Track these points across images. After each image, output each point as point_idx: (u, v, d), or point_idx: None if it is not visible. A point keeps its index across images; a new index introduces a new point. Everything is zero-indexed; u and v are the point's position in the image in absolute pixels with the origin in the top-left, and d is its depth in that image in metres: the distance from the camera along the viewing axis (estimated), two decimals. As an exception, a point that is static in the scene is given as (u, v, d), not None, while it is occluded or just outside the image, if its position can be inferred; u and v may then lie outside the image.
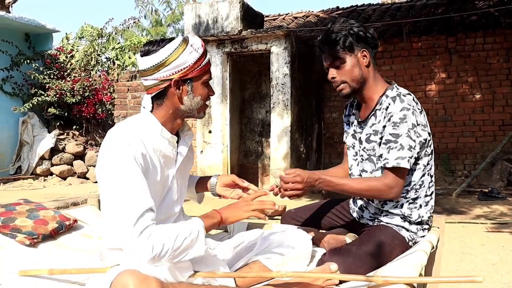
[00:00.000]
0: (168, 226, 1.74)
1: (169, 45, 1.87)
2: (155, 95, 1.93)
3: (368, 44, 2.30)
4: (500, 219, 5.73)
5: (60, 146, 10.94)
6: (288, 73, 8.00)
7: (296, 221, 2.67)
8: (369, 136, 2.33)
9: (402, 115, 2.15)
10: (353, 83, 2.31)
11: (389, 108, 2.21)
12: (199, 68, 1.91)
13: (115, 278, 1.52)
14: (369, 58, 2.30)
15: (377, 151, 2.27)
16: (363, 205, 2.46)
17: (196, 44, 1.91)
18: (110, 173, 1.74)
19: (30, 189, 9.52)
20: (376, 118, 2.30)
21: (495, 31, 8.40)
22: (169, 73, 1.87)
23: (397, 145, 2.14)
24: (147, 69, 1.89)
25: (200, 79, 1.94)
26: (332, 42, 2.25)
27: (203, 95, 1.96)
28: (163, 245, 1.64)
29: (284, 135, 8.05)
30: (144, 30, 20.34)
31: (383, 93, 2.31)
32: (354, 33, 2.25)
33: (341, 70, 2.30)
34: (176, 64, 1.86)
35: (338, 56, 2.27)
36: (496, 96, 8.44)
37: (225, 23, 8.22)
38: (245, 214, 1.90)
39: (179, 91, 1.90)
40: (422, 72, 8.80)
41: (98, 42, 12.06)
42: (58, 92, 10.91)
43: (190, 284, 1.64)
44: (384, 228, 2.29)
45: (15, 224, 2.60)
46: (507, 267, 3.94)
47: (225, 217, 1.89)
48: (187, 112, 1.97)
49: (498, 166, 7.95)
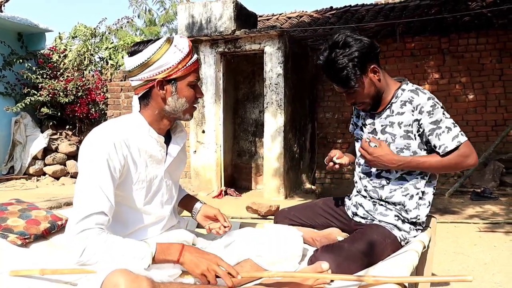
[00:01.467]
0: (114, 238, 1.71)
1: (153, 45, 1.88)
2: (141, 96, 1.95)
3: (373, 57, 2.31)
4: (493, 219, 5.76)
5: (53, 146, 10.91)
6: (282, 73, 8.01)
7: (289, 220, 2.68)
8: (384, 128, 2.38)
9: (431, 103, 2.24)
10: (372, 99, 2.37)
11: (414, 101, 2.28)
12: (184, 68, 1.91)
13: (106, 278, 1.52)
14: (379, 71, 2.32)
15: (395, 143, 2.33)
16: (358, 202, 2.48)
17: (180, 44, 1.91)
18: (80, 169, 1.78)
19: (23, 189, 9.48)
20: (392, 111, 2.36)
21: (488, 32, 8.43)
22: (153, 73, 1.88)
23: (443, 129, 2.22)
24: (132, 70, 1.91)
25: (185, 80, 1.93)
26: (344, 80, 2.26)
27: (188, 97, 1.96)
28: (94, 254, 1.65)
29: (277, 135, 8.06)
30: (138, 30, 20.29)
31: (397, 88, 2.37)
32: (359, 58, 2.23)
33: (357, 94, 2.33)
34: (160, 64, 1.87)
35: (353, 88, 2.29)
36: (489, 96, 8.47)
37: (218, 23, 8.22)
38: (200, 270, 1.72)
39: (163, 92, 1.91)
40: (415, 73, 8.83)
41: (92, 42, 12.03)
42: (51, 91, 10.86)
43: (181, 284, 1.64)
44: (377, 227, 2.31)
45: (6, 224, 2.59)
46: (498, 266, 3.96)
47: (182, 261, 1.74)
48: (172, 113, 1.96)
49: (490, 166, 7.99)
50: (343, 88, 2.31)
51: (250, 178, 9.70)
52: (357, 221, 2.47)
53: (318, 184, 9.35)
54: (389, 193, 2.36)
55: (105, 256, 1.65)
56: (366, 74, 2.29)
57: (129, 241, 1.73)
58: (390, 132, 2.35)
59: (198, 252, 1.78)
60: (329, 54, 2.27)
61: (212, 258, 1.75)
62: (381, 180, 2.38)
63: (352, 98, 2.36)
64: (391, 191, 2.35)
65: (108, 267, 1.58)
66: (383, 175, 2.38)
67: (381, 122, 2.40)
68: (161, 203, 2.03)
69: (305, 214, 2.71)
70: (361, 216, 2.45)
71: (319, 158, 9.59)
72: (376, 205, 2.40)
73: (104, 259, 1.65)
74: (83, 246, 1.64)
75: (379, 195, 2.39)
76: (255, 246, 2.07)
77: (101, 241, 1.66)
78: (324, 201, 2.77)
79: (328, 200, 2.75)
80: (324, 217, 2.67)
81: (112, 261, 1.65)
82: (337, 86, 2.34)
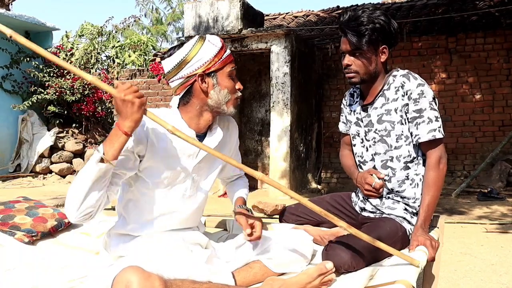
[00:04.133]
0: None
1: (187, 44, 1.96)
2: (183, 95, 2.00)
3: (390, 41, 2.34)
4: (500, 219, 5.74)
5: (60, 144, 10.93)
6: (288, 72, 8.00)
7: (296, 217, 2.67)
8: (380, 117, 2.37)
9: (419, 91, 2.24)
10: (365, 75, 2.35)
11: (405, 86, 2.28)
12: (220, 61, 1.97)
13: (117, 275, 1.52)
14: (387, 55, 2.35)
15: (395, 130, 2.33)
16: (365, 198, 2.47)
17: (213, 39, 1.98)
18: None
19: (29, 187, 9.52)
20: (386, 98, 2.35)
21: (495, 32, 8.39)
22: (192, 69, 1.94)
23: (424, 119, 2.23)
24: (171, 70, 1.97)
25: (223, 72, 1.99)
26: (360, 33, 2.27)
27: (229, 87, 2.00)
28: (68, 199, 1.76)
29: (284, 134, 8.05)
30: (145, 29, 20.38)
31: (388, 75, 2.38)
32: (381, 28, 2.27)
33: (358, 60, 2.33)
34: (197, 59, 1.93)
35: (361, 48, 2.29)
36: (496, 96, 8.44)
37: (225, 22, 8.22)
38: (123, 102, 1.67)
39: (205, 85, 1.95)
40: (422, 72, 8.79)
41: (98, 40, 12.05)
42: (57, 90, 10.89)
43: (193, 282, 1.63)
44: (388, 220, 2.31)
45: (14, 222, 2.60)
46: (506, 267, 3.94)
47: (120, 124, 1.70)
48: (216, 107, 2.00)
49: (497, 166, 7.95)
50: (354, 41, 2.28)
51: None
52: (366, 215, 2.46)
53: (324, 183, 9.34)
54: (399, 186, 2.35)
55: (72, 193, 1.74)
56: (377, 48, 2.31)
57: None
58: (388, 120, 2.34)
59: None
60: (359, 11, 2.32)
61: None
62: (388, 171, 2.38)
63: (350, 60, 2.34)
64: (400, 184, 2.35)
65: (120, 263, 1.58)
66: (388, 165, 2.38)
67: (376, 112, 2.39)
68: (182, 196, 2.03)
69: (312, 210, 2.70)
70: (369, 211, 2.44)
71: (325, 158, 9.58)
72: (383, 200, 2.39)
73: (74, 193, 1.73)
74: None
75: (388, 188, 2.38)
76: (265, 248, 2.07)
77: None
78: (331, 196, 2.76)
79: (335, 196, 2.74)
80: (331, 212, 2.66)
81: (78, 183, 1.72)
82: (347, 39, 2.32)
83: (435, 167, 2.23)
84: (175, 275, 1.64)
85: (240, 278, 1.95)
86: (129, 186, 1.96)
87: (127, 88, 1.68)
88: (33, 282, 2.08)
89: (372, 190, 2.40)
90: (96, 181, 1.69)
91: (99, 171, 1.68)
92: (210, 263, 1.86)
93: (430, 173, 2.24)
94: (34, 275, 2.16)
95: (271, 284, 1.86)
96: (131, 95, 1.66)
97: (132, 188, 1.97)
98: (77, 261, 2.36)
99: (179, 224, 2.07)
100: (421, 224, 2.18)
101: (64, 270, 2.24)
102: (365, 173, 2.45)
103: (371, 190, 2.40)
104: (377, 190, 2.38)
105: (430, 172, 2.24)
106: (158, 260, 1.74)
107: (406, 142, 2.33)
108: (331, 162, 9.51)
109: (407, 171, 2.35)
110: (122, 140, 1.69)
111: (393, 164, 2.37)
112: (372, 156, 2.45)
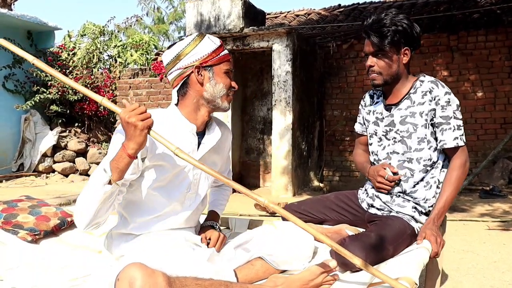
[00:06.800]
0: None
1: (187, 38, 2.04)
2: (180, 87, 2.04)
3: (412, 43, 2.39)
4: (502, 217, 5.73)
5: (62, 143, 10.95)
6: (290, 70, 8.00)
7: (299, 214, 2.68)
8: (404, 118, 2.42)
9: (447, 99, 2.31)
10: (388, 77, 2.41)
11: (433, 91, 2.34)
12: (218, 57, 2.03)
13: (121, 271, 1.53)
14: (409, 57, 2.40)
15: (417, 133, 2.38)
16: (375, 194, 2.48)
17: (212, 37, 2.05)
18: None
19: (32, 186, 9.53)
20: (412, 101, 2.40)
21: (497, 29, 8.38)
22: (189, 61, 2.00)
23: (451, 126, 2.30)
24: (170, 62, 2.03)
25: (220, 67, 2.04)
26: (382, 35, 2.32)
27: (225, 83, 2.05)
28: (77, 213, 1.81)
29: (285, 132, 8.06)
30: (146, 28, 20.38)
31: (415, 80, 2.44)
32: (403, 31, 2.33)
33: (381, 62, 2.38)
34: (195, 52, 1.99)
35: (384, 49, 2.34)
36: (498, 94, 8.42)
37: (227, 20, 8.22)
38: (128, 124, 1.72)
39: (201, 77, 2.00)
40: (423, 70, 8.77)
41: (100, 40, 12.06)
42: (60, 89, 10.91)
43: (196, 279, 1.64)
44: (396, 218, 2.33)
45: (17, 221, 2.61)
46: (508, 265, 3.94)
47: (126, 145, 1.73)
48: (211, 100, 2.04)
49: (499, 164, 7.95)
50: (376, 42, 2.33)
51: (258, 175, 9.70)
52: (373, 212, 2.47)
53: (326, 181, 9.34)
54: (413, 187, 2.38)
55: (80, 206, 1.79)
56: (399, 49, 2.37)
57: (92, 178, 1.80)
58: (411, 122, 2.39)
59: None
60: (383, 13, 2.38)
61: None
62: (405, 171, 2.40)
63: (373, 61, 2.39)
64: (415, 185, 2.39)
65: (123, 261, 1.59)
66: (405, 166, 2.40)
67: (400, 113, 2.43)
68: (183, 195, 2.04)
69: (316, 208, 2.71)
70: (377, 208, 2.46)
71: (327, 156, 9.58)
72: (393, 197, 2.41)
73: (82, 205, 1.79)
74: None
75: (402, 188, 2.40)
76: (266, 245, 2.07)
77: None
78: (336, 195, 2.77)
79: (340, 194, 2.75)
80: (336, 211, 2.67)
81: (86, 194, 1.77)
82: (370, 41, 2.37)
83: (460, 168, 2.30)
84: (177, 272, 1.65)
85: (242, 276, 1.96)
86: (129, 186, 1.96)
87: (131, 110, 1.72)
88: (36, 280, 2.09)
89: (384, 183, 2.42)
90: (103, 201, 1.76)
91: (105, 193, 1.74)
92: (212, 261, 1.87)
93: (454, 173, 2.30)
94: (37, 273, 2.17)
95: (274, 281, 1.87)
96: (135, 117, 1.70)
97: (132, 189, 1.97)
98: (80, 260, 2.36)
99: (181, 223, 2.08)
100: (434, 217, 2.23)
101: (67, 268, 2.25)
102: (378, 166, 2.48)
103: (383, 182, 2.42)
104: (390, 183, 2.41)
105: (455, 171, 2.30)
106: (160, 258, 1.75)
107: (428, 146, 2.37)
108: (333, 160, 9.51)
109: (425, 174, 2.38)
110: (127, 161, 1.73)
111: (412, 166, 2.39)
112: (387, 155, 2.48)
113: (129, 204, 2.00)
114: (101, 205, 1.76)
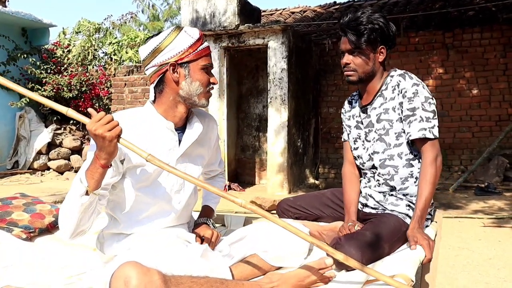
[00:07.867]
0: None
1: (163, 33, 1.97)
2: (156, 84, 1.99)
3: (388, 42, 2.40)
4: (497, 214, 5.75)
5: (57, 140, 10.92)
6: (285, 67, 7.99)
7: (295, 210, 2.69)
8: (379, 116, 2.42)
9: (414, 90, 2.29)
10: (363, 74, 2.41)
11: (400, 84, 2.34)
12: (195, 52, 1.96)
13: (116, 270, 1.51)
14: (384, 55, 2.41)
15: (394, 128, 2.37)
16: (368, 194, 2.47)
17: (190, 31, 1.97)
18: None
19: (27, 184, 9.51)
20: (384, 98, 2.40)
21: (492, 27, 8.40)
22: (165, 57, 1.94)
23: (416, 117, 2.27)
24: (145, 58, 1.97)
25: (197, 64, 1.97)
26: (359, 32, 2.32)
27: (201, 80, 1.98)
28: (60, 224, 1.81)
29: (281, 130, 8.05)
30: (141, 25, 20.30)
31: (386, 76, 2.43)
32: (380, 29, 2.33)
33: (357, 59, 2.38)
34: (171, 48, 1.93)
35: (360, 47, 2.35)
36: (493, 91, 8.45)
37: (222, 17, 8.21)
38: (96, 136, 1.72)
39: (176, 75, 1.95)
40: (419, 68, 8.80)
41: (95, 37, 12.02)
42: (55, 86, 10.89)
43: (191, 277, 1.63)
44: (391, 216, 2.32)
45: (11, 218, 2.60)
46: (503, 261, 3.95)
47: (98, 155, 1.72)
48: (187, 98, 1.99)
49: (494, 161, 7.97)
50: (353, 39, 2.33)
51: (254, 173, 9.71)
52: (367, 212, 2.47)
53: (322, 178, 9.34)
54: (401, 183, 2.37)
55: (63, 216, 1.78)
56: (376, 48, 2.37)
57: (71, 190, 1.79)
58: (386, 118, 2.38)
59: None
60: (360, 12, 2.38)
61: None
62: (388, 170, 2.38)
63: (349, 58, 2.39)
64: (403, 181, 2.37)
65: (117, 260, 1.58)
66: (387, 164, 2.39)
67: (375, 112, 2.43)
68: (170, 192, 2.02)
69: (311, 204, 2.70)
70: (371, 207, 2.45)
71: (322, 153, 9.59)
72: (386, 196, 2.40)
73: (64, 216, 1.78)
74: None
75: (390, 186, 2.39)
76: (261, 242, 2.07)
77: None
78: (332, 191, 2.76)
79: (336, 191, 2.74)
80: (332, 208, 2.67)
81: (66, 205, 1.76)
82: (347, 38, 2.37)
83: (432, 165, 2.24)
84: (172, 270, 1.64)
85: (238, 273, 1.95)
86: (113, 189, 1.94)
87: (97, 120, 1.68)
88: (31, 278, 2.08)
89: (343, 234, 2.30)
90: (83, 211, 1.75)
91: (83, 204, 1.72)
92: (206, 257, 1.86)
93: (427, 170, 2.24)
94: (32, 271, 2.16)
95: (270, 277, 1.87)
96: (101, 128, 1.66)
97: (116, 191, 1.95)
98: (74, 257, 2.35)
99: (171, 221, 2.06)
100: (417, 219, 2.19)
101: (62, 266, 2.24)
102: (351, 225, 2.35)
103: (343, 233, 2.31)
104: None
105: (428, 169, 2.24)
106: (154, 256, 1.74)
107: (406, 140, 2.35)
108: (329, 158, 9.52)
109: (411, 169, 2.36)
110: (101, 171, 1.72)
111: (394, 162, 2.38)
112: (369, 156, 2.47)
113: (116, 206, 1.97)
114: (82, 215, 1.74)
